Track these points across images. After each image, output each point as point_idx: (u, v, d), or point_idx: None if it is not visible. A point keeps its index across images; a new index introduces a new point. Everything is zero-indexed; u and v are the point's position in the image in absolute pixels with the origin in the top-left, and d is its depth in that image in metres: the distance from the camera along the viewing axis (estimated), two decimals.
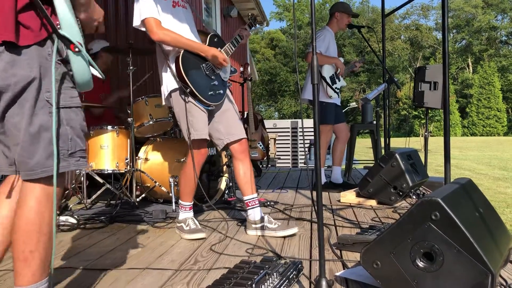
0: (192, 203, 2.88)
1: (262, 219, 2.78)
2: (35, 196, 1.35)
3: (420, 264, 1.57)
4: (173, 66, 2.65)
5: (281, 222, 2.81)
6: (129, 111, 3.74)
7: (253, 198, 2.82)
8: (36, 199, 1.35)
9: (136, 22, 2.60)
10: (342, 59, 4.64)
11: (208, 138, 2.75)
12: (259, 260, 2.01)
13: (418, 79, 4.94)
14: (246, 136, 2.88)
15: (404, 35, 45.83)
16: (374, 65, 40.58)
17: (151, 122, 3.88)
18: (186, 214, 2.84)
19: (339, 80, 4.60)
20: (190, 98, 2.64)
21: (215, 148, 3.83)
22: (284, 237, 2.68)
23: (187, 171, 2.79)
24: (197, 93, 2.60)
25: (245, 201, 2.84)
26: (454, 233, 1.51)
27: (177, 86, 2.66)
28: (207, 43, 2.74)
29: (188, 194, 2.84)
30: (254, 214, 2.80)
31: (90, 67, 1.38)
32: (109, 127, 3.82)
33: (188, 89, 2.59)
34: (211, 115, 2.80)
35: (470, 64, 44.22)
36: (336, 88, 4.53)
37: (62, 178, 1.43)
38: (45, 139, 1.33)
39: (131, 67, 3.70)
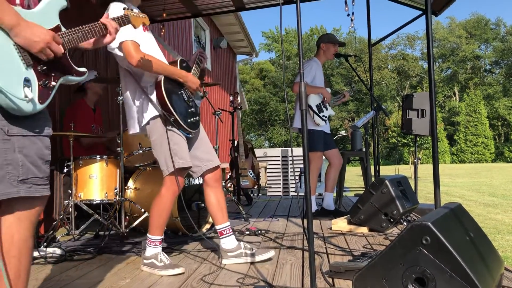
0: (163, 237, 2.71)
1: (238, 246, 2.74)
2: (3, 219, 1.40)
3: None
4: (153, 93, 2.55)
5: (256, 247, 2.79)
6: (118, 141, 3.73)
7: (227, 226, 2.78)
8: (2, 222, 1.40)
9: (114, 44, 2.46)
10: (329, 90, 4.70)
11: (192, 165, 2.67)
12: None
13: (405, 106, 5.01)
14: (220, 164, 2.83)
15: (391, 65, 46.67)
16: (362, 94, 41.10)
17: (140, 151, 3.87)
18: (155, 250, 2.63)
19: (326, 109, 4.66)
20: (170, 126, 2.56)
21: None
22: (263, 261, 2.69)
23: (161, 202, 2.62)
24: (181, 122, 2.53)
25: (219, 230, 2.78)
26: (445, 257, 1.50)
27: (156, 114, 2.55)
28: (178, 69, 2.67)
29: (161, 227, 2.65)
30: (229, 242, 2.75)
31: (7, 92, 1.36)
32: (98, 157, 3.79)
33: (172, 118, 2.51)
34: (189, 142, 2.73)
35: (456, 92, 45.01)
36: (323, 116, 4.58)
37: (29, 202, 1.43)
38: None
39: (121, 97, 3.70)
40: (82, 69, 1.62)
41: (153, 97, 2.56)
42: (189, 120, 2.62)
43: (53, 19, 1.54)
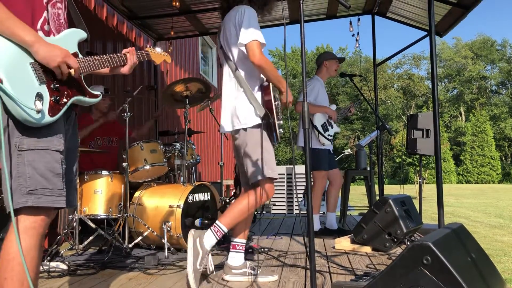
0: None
1: (244, 265, 2.73)
2: (13, 228, 1.49)
3: None
4: (258, 95, 2.59)
5: (259, 265, 2.78)
6: (124, 156, 3.76)
7: (243, 243, 2.78)
8: (12, 231, 1.49)
9: (243, 40, 2.50)
10: (335, 106, 4.74)
11: (277, 177, 2.66)
12: None
13: (410, 126, 5.03)
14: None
15: (397, 84, 46.78)
16: (367, 112, 41.16)
17: (146, 167, 3.90)
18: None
19: (332, 127, 4.68)
20: (265, 134, 2.58)
21: (208, 193, 3.83)
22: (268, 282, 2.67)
23: (247, 209, 2.62)
24: (277, 127, 2.55)
25: (234, 243, 2.76)
26: (446, 278, 1.50)
27: (258, 122, 2.57)
28: None
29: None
30: (236, 258, 2.74)
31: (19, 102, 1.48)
32: (104, 172, 3.83)
33: (272, 120, 2.53)
34: None
35: (462, 112, 44.98)
36: (329, 135, 4.60)
37: (36, 210, 1.53)
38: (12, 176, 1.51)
39: (127, 113, 3.75)
40: (96, 92, 1.77)
41: (258, 98, 2.60)
42: (278, 130, 2.62)
43: (71, 47, 1.69)
